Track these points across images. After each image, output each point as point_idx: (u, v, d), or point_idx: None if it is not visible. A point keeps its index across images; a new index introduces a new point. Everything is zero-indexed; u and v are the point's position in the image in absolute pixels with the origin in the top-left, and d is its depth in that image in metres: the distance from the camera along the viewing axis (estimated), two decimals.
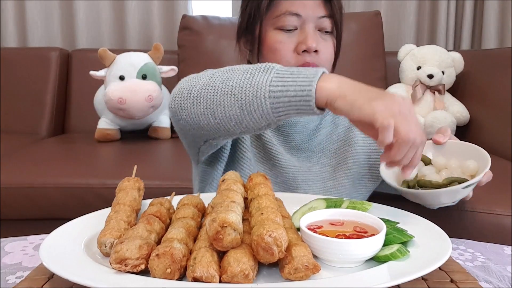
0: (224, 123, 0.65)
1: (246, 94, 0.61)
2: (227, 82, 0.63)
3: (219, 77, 0.65)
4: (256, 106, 0.61)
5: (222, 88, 0.63)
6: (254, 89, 0.60)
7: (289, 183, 0.89)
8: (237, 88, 0.62)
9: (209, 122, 0.66)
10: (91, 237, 0.57)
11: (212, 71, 0.68)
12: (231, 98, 0.62)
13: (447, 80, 1.90)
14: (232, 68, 0.66)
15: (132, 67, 1.77)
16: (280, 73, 0.61)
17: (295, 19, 0.81)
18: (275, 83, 0.60)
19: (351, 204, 0.65)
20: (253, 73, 0.62)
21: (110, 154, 1.72)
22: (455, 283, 0.51)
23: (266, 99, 0.60)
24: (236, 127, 0.65)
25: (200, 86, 0.66)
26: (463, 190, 0.64)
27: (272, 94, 0.59)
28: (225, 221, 0.47)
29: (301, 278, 0.47)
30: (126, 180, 0.68)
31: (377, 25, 2.05)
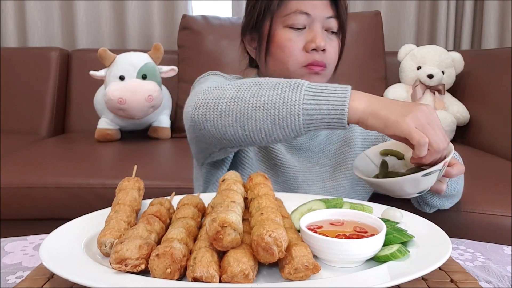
0: (253, 135, 0.67)
1: (279, 111, 0.64)
2: (258, 97, 0.66)
3: (248, 90, 0.67)
4: (289, 122, 0.64)
5: (253, 103, 0.66)
6: (287, 106, 0.63)
7: (289, 182, 0.89)
8: (269, 104, 0.64)
9: (236, 134, 0.68)
10: (91, 237, 0.57)
11: (237, 84, 0.69)
12: (263, 113, 0.65)
13: (447, 80, 1.90)
14: (259, 82, 0.68)
15: (132, 67, 1.77)
16: (310, 90, 0.64)
17: (304, 18, 0.83)
18: (308, 101, 0.63)
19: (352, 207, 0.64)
20: (284, 89, 0.65)
21: (110, 154, 1.72)
22: (455, 283, 0.51)
23: (300, 116, 0.63)
24: (264, 139, 0.67)
25: (228, 98, 0.68)
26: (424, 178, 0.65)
27: (306, 111, 0.63)
28: (225, 221, 0.47)
29: (301, 278, 0.47)
30: (126, 180, 0.68)
31: (377, 25, 2.06)
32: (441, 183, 0.75)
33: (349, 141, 0.94)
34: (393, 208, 0.65)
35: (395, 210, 0.64)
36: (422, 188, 0.69)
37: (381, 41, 2.06)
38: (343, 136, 0.95)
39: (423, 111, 0.61)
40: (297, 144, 0.92)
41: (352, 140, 0.94)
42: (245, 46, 0.93)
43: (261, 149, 0.90)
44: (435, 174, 0.66)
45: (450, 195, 0.90)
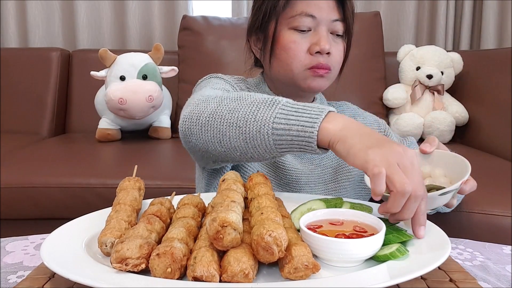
0: (230, 152, 0.66)
1: (250, 129, 0.61)
2: (233, 113, 0.63)
3: (227, 106, 0.65)
4: (260, 142, 0.61)
5: (228, 119, 0.64)
6: (258, 125, 0.61)
7: (292, 185, 0.89)
8: (242, 121, 0.62)
9: (216, 149, 0.67)
10: (91, 236, 0.57)
11: (222, 97, 0.68)
12: (236, 130, 0.63)
13: (446, 81, 1.90)
14: (240, 97, 0.66)
15: (132, 68, 1.77)
16: (285, 109, 0.60)
17: (310, 20, 0.82)
18: (279, 119, 0.59)
19: (352, 207, 0.65)
20: (258, 106, 0.62)
21: (110, 154, 1.72)
22: (454, 282, 0.52)
23: (269, 136, 0.60)
24: (241, 157, 0.66)
25: (208, 113, 0.66)
26: (440, 198, 0.65)
27: (275, 131, 0.59)
28: (225, 221, 0.48)
29: (301, 277, 0.48)
30: (126, 180, 0.68)
31: (376, 25, 2.06)
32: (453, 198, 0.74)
33: None
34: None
35: None
36: (436, 205, 0.68)
37: (380, 41, 2.07)
38: None
39: (396, 150, 0.54)
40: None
41: None
42: (250, 46, 0.93)
43: None
44: (451, 193, 0.66)
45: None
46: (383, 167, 0.52)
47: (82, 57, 2.17)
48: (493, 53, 1.91)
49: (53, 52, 2.14)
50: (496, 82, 1.76)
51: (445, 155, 0.74)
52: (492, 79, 1.79)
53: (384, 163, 0.52)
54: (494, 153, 1.64)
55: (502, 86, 1.70)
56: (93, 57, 1.95)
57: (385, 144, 0.55)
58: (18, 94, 2.09)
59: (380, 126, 1.00)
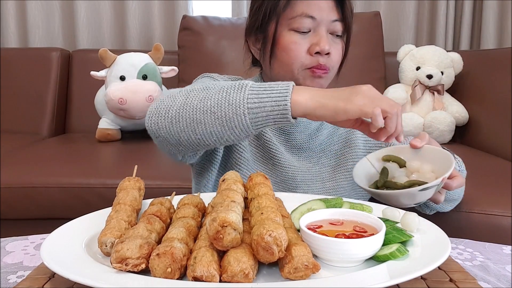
0: (205, 138, 0.69)
1: (225, 113, 0.65)
2: (205, 101, 0.67)
3: (196, 96, 0.69)
4: (237, 123, 0.65)
5: (201, 107, 0.67)
6: (233, 107, 0.65)
7: (288, 182, 0.89)
8: (215, 106, 0.66)
9: (189, 138, 0.69)
10: (91, 236, 0.57)
11: (187, 91, 0.71)
12: (211, 116, 0.66)
13: (446, 80, 1.90)
14: (206, 87, 0.70)
15: (132, 68, 1.77)
16: (254, 89, 0.66)
17: (310, 21, 0.83)
18: (252, 99, 0.65)
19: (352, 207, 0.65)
20: (228, 92, 0.66)
21: (110, 154, 1.72)
22: (454, 282, 0.52)
23: (245, 115, 0.65)
24: (217, 141, 0.69)
25: (177, 106, 0.69)
26: (420, 193, 0.66)
27: (251, 110, 0.64)
28: (225, 221, 0.48)
29: (301, 277, 0.48)
30: (126, 180, 0.68)
31: (376, 25, 2.06)
32: (440, 194, 0.76)
33: (351, 142, 0.94)
34: (392, 207, 0.65)
35: (394, 209, 0.64)
36: (418, 201, 0.70)
37: (380, 41, 2.07)
38: (345, 137, 0.95)
39: (363, 89, 0.65)
40: (297, 144, 0.92)
41: (353, 142, 0.94)
42: (249, 46, 0.93)
43: (258, 149, 0.90)
44: (432, 189, 0.67)
45: (450, 200, 0.90)
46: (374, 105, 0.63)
47: (82, 57, 2.17)
48: (493, 53, 1.91)
49: (53, 52, 2.13)
50: (496, 82, 1.76)
51: (433, 151, 0.74)
52: (492, 79, 1.79)
53: (369, 102, 0.64)
54: (494, 153, 1.64)
55: (502, 86, 1.70)
56: (93, 57, 1.95)
57: (354, 90, 0.65)
58: (18, 94, 2.09)
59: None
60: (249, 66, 0.99)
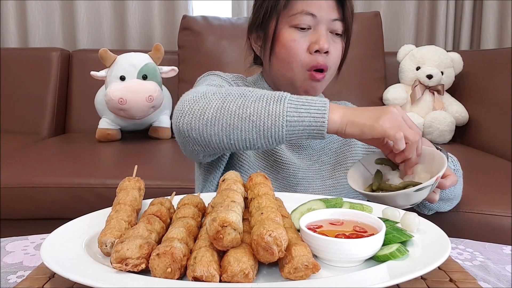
0: (237, 143, 0.70)
1: (264, 122, 0.68)
2: (244, 109, 0.69)
3: (233, 101, 0.70)
4: (273, 133, 0.68)
5: (239, 114, 0.69)
6: (272, 118, 0.67)
7: (289, 179, 0.90)
8: (254, 115, 0.68)
9: (221, 142, 0.71)
10: (91, 236, 0.57)
11: (222, 94, 0.72)
12: (249, 124, 0.68)
13: (446, 80, 1.90)
14: (244, 94, 0.71)
15: (132, 68, 1.77)
16: (292, 102, 0.68)
17: (310, 19, 0.84)
18: (291, 113, 0.67)
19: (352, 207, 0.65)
20: (268, 102, 0.68)
21: (110, 154, 1.72)
22: (454, 282, 0.52)
23: (283, 128, 0.67)
24: (249, 147, 0.71)
25: (214, 109, 0.70)
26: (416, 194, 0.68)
27: (289, 123, 0.67)
28: (225, 221, 0.48)
29: (301, 277, 0.47)
30: (126, 180, 0.68)
31: (376, 25, 2.06)
32: (434, 193, 0.77)
33: (350, 141, 0.95)
34: (392, 208, 0.65)
35: (394, 209, 0.64)
36: (414, 201, 0.71)
37: (380, 41, 2.07)
38: None
39: (392, 112, 0.68)
40: (298, 142, 0.92)
41: (353, 140, 0.95)
42: (251, 43, 0.94)
43: None
44: (427, 189, 0.68)
45: (447, 199, 0.91)
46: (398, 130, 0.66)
47: (82, 57, 2.17)
48: (493, 53, 1.91)
49: (53, 52, 2.14)
50: (496, 82, 1.76)
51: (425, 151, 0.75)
52: (492, 79, 1.79)
53: (395, 126, 0.67)
54: (494, 153, 1.64)
55: (502, 86, 1.70)
56: (93, 57, 1.95)
57: (383, 111, 0.68)
58: (18, 94, 2.09)
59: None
60: (250, 64, 0.99)
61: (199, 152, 0.76)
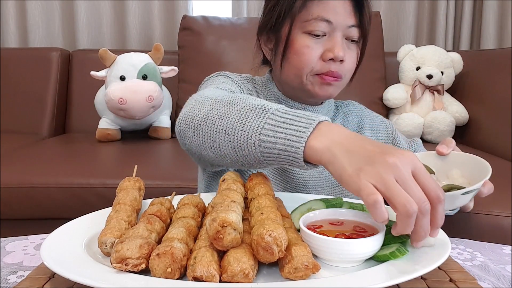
0: (221, 159, 0.63)
1: (237, 137, 0.58)
2: (223, 119, 0.60)
3: (218, 110, 0.62)
4: (247, 152, 0.58)
5: (218, 125, 0.61)
6: (245, 134, 0.57)
7: (299, 189, 0.87)
8: (230, 128, 0.59)
9: (208, 154, 0.64)
10: (91, 236, 0.57)
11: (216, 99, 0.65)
12: (225, 137, 0.60)
13: (446, 80, 1.90)
14: (233, 101, 0.62)
15: (132, 68, 1.77)
16: (273, 119, 0.56)
17: (325, 25, 0.79)
18: (266, 131, 0.56)
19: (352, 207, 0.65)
20: (248, 114, 0.58)
21: (110, 154, 1.72)
22: (454, 282, 0.52)
23: (256, 148, 0.56)
24: (232, 164, 0.63)
25: (200, 117, 0.64)
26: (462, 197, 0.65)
27: (262, 143, 0.56)
28: (225, 221, 0.48)
29: (301, 277, 0.48)
30: (126, 180, 0.68)
31: (376, 25, 2.06)
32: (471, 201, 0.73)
33: None
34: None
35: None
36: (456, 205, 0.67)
37: (380, 41, 2.07)
38: None
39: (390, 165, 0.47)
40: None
41: None
42: (260, 45, 0.90)
43: None
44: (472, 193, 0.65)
45: None
46: (378, 192, 0.46)
47: (82, 57, 2.17)
48: (493, 53, 1.91)
49: (53, 52, 2.14)
50: (496, 82, 1.76)
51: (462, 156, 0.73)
52: (492, 79, 1.79)
53: (380, 185, 0.47)
54: (494, 153, 1.64)
55: (502, 86, 1.70)
56: (93, 57, 1.95)
57: (377, 158, 0.48)
58: (18, 94, 2.09)
59: (388, 128, 0.98)
60: (258, 65, 0.95)
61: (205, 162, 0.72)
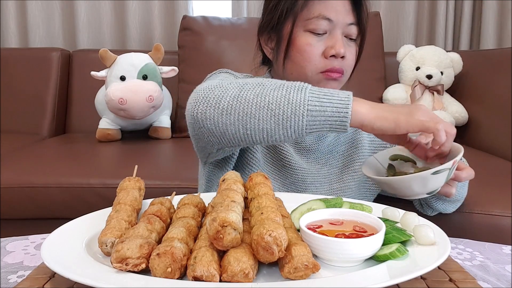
0: (254, 134, 0.67)
1: (284, 111, 0.64)
2: (262, 97, 0.66)
3: (251, 90, 0.67)
4: (293, 123, 0.64)
5: (257, 102, 0.66)
6: (292, 107, 0.64)
7: (297, 184, 0.89)
8: (274, 103, 0.65)
9: (237, 132, 0.68)
10: (92, 236, 0.57)
11: (239, 84, 0.69)
12: (267, 112, 0.65)
13: (446, 81, 1.90)
14: (263, 83, 0.68)
15: (132, 68, 1.77)
16: (315, 93, 0.64)
17: (326, 23, 0.82)
18: (313, 102, 0.63)
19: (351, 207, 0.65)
20: (288, 90, 0.65)
21: (111, 154, 1.73)
22: (454, 282, 0.52)
23: (304, 117, 0.63)
24: (265, 138, 0.67)
25: (230, 97, 0.67)
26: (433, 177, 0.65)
27: (310, 112, 0.63)
28: (225, 221, 0.48)
29: (301, 277, 0.48)
30: (127, 179, 0.68)
31: (376, 25, 2.06)
32: (451, 186, 0.75)
33: (357, 143, 0.94)
34: (392, 207, 0.65)
35: (394, 209, 0.64)
36: (431, 188, 0.68)
37: (380, 41, 2.07)
38: (351, 137, 0.95)
39: (423, 108, 0.65)
40: (306, 146, 0.91)
41: (359, 142, 0.94)
42: (261, 44, 0.92)
43: (269, 150, 0.89)
44: (444, 173, 0.66)
45: (454, 200, 0.90)
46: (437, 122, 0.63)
47: (82, 57, 2.17)
48: (493, 53, 1.91)
49: (53, 52, 2.14)
50: (495, 82, 1.76)
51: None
52: (492, 79, 1.79)
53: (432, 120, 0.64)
54: (494, 153, 1.64)
55: (502, 86, 1.70)
56: (93, 57, 1.95)
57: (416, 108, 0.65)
58: (18, 94, 2.09)
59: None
60: (258, 64, 0.97)
61: (214, 144, 0.73)
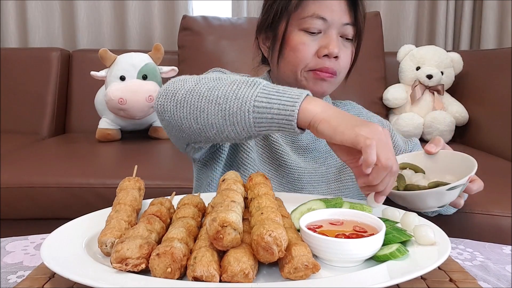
0: (205, 129, 0.66)
1: (230, 106, 0.63)
2: (213, 91, 0.65)
3: (205, 84, 0.67)
4: (239, 119, 0.62)
5: (207, 96, 0.65)
6: (239, 102, 0.62)
7: (294, 183, 0.88)
8: (222, 98, 0.64)
9: (191, 126, 0.68)
10: (91, 236, 0.57)
11: (199, 77, 0.70)
12: (215, 106, 0.64)
13: (446, 80, 1.90)
14: (219, 77, 0.68)
15: (132, 68, 1.77)
16: (266, 89, 0.63)
17: (321, 23, 0.81)
18: (260, 98, 0.62)
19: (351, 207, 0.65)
20: (239, 86, 0.64)
21: (110, 154, 1.72)
22: (454, 282, 0.52)
23: (250, 113, 0.62)
24: (217, 135, 0.67)
25: (185, 90, 0.68)
26: (448, 192, 0.66)
27: (256, 109, 0.61)
28: (225, 221, 0.48)
29: (301, 277, 0.48)
30: (126, 180, 0.68)
31: (376, 25, 2.06)
32: (460, 198, 0.74)
33: None
34: (392, 207, 0.65)
35: (394, 209, 0.64)
36: (444, 202, 0.68)
37: (380, 41, 2.07)
38: None
39: (376, 129, 0.58)
40: (303, 145, 0.91)
41: None
42: (259, 43, 0.92)
43: (265, 150, 0.89)
44: (458, 189, 0.67)
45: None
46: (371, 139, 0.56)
47: (82, 57, 2.17)
48: (493, 53, 1.91)
49: (53, 52, 2.14)
50: (496, 82, 1.76)
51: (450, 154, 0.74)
52: (492, 79, 1.79)
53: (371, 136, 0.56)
54: (494, 153, 1.64)
55: (502, 86, 1.70)
56: (93, 57, 1.95)
57: (367, 123, 0.59)
58: (18, 94, 2.09)
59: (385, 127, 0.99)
60: (258, 64, 0.97)
61: (179, 139, 0.75)
